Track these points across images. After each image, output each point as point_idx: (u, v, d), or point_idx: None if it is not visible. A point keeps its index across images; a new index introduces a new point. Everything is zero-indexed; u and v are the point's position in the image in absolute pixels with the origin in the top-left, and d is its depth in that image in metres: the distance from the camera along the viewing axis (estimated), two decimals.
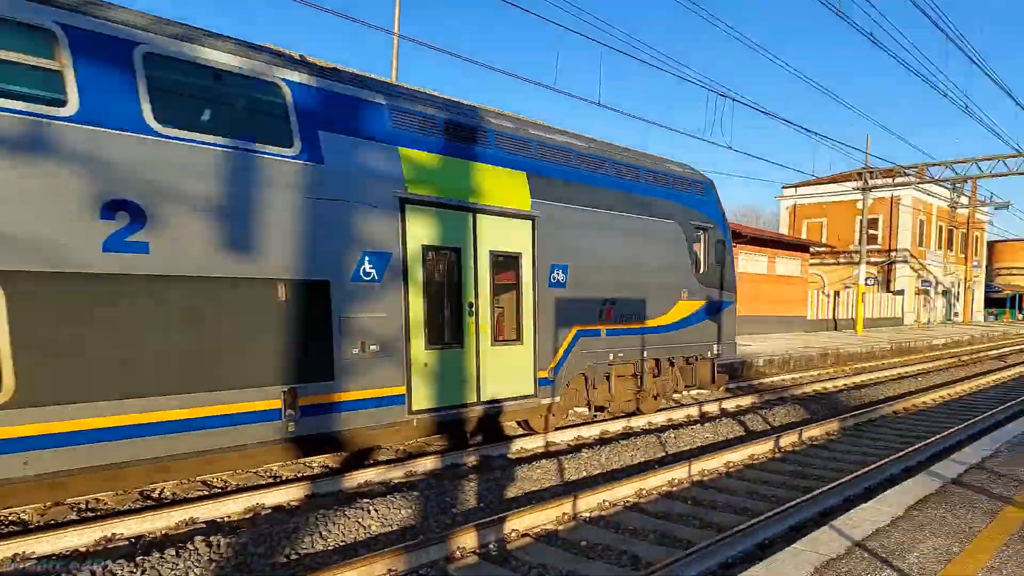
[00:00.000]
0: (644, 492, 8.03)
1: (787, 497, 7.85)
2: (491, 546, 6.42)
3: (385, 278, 8.41)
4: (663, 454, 10.08)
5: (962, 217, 49.95)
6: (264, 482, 8.40)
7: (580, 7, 13.87)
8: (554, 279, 10.28)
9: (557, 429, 10.84)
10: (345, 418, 8.13)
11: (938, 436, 10.80)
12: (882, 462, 9.03)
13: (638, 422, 11.76)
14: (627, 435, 10.89)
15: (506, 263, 9.81)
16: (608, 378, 11.28)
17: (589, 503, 7.41)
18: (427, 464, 8.97)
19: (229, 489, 8.10)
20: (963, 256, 53.38)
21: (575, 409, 11.73)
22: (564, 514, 7.14)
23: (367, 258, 8.23)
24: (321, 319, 7.86)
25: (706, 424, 11.57)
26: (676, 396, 14.57)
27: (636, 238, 11.64)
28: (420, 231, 8.77)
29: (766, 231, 41.56)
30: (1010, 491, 6.15)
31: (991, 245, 67.05)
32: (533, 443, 10.15)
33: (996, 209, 47.11)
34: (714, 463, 9.17)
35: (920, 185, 41.60)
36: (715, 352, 13.42)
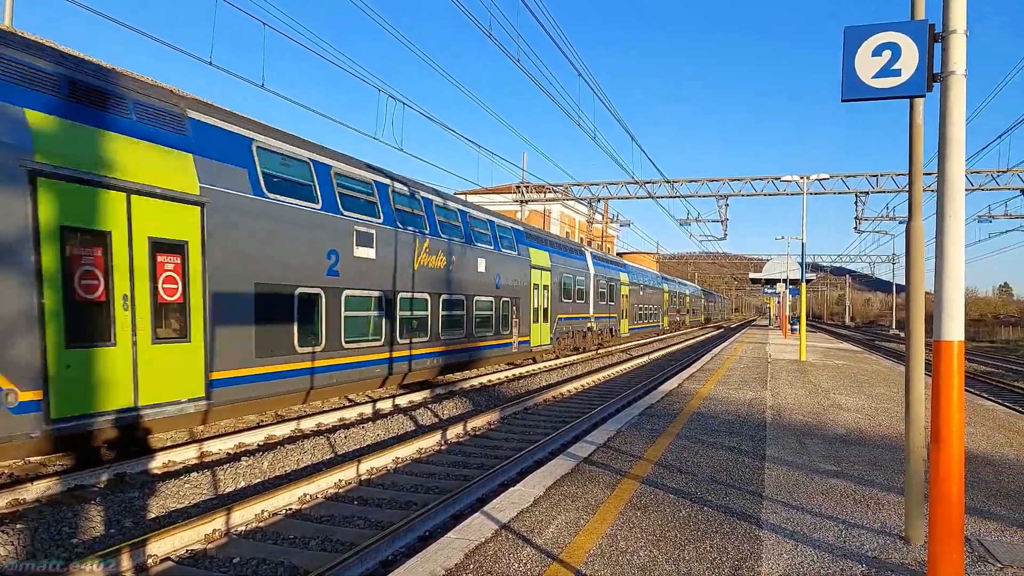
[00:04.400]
0: (309, 497, 7.67)
1: (450, 487, 8.19)
2: None
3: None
4: (332, 455, 9.80)
5: (598, 231, 58.85)
6: None
7: None
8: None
9: (216, 437, 9.84)
10: None
11: (576, 421, 12.39)
12: (531, 447, 10.00)
13: (307, 424, 11.28)
14: (295, 438, 10.35)
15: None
16: None
17: (245, 515, 6.81)
18: (41, 488, 7.38)
19: None
20: None
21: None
22: (215, 530, 6.46)
23: None
24: None
25: (378, 421, 11.60)
26: (351, 396, 14.40)
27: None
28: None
29: None
30: (627, 466, 7.22)
31: (620, 255, 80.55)
32: (183, 455, 9.03)
33: (622, 226, 56.62)
34: (383, 460, 9.19)
35: (566, 201, 47.82)
36: None
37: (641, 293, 42.71)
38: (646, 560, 4.57)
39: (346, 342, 12.95)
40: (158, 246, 8.99)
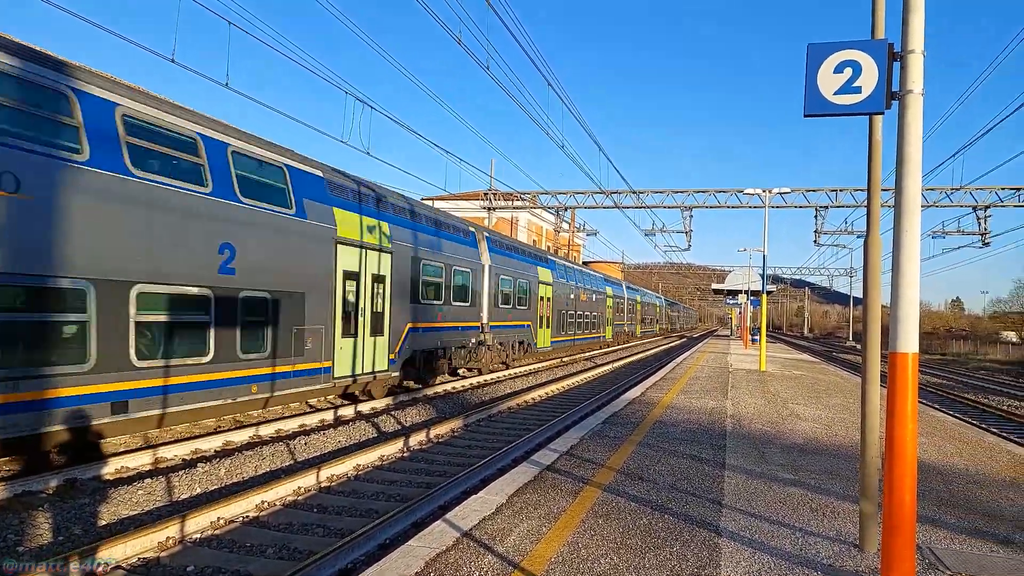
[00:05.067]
0: (267, 504, 7.52)
1: (412, 495, 8.11)
2: None
3: None
4: (292, 462, 9.63)
5: (564, 239, 59.15)
6: None
7: None
8: None
9: (172, 442, 9.60)
10: None
11: (540, 428, 12.39)
12: (495, 454, 9.97)
13: (266, 430, 11.08)
14: (253, 445, 10.15)
15: None
16: None
17: (200, 523, 6.65)
18: None
19: None
20: None
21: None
22: (168, 538, 6.29)
23: None
24: None
25: (340, 428, 11.44)
26: (312, 401, 14.18)
27: None
28: None
29: None
30: (589, 474, 7.24)
31: (585, 263, 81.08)
32: (137, 460, 8.78)
33: (588, 235, 57.14)
34: (344, 467, 9.06)
35: (533, 209, 48.16)
36: None
37: (647, 308, 62.97)
38: (607, 567, 4.58)
39: (568, 329, 32.06)
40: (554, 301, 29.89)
